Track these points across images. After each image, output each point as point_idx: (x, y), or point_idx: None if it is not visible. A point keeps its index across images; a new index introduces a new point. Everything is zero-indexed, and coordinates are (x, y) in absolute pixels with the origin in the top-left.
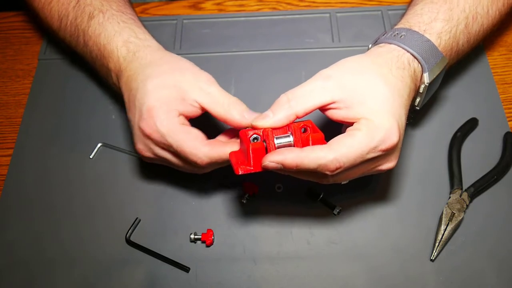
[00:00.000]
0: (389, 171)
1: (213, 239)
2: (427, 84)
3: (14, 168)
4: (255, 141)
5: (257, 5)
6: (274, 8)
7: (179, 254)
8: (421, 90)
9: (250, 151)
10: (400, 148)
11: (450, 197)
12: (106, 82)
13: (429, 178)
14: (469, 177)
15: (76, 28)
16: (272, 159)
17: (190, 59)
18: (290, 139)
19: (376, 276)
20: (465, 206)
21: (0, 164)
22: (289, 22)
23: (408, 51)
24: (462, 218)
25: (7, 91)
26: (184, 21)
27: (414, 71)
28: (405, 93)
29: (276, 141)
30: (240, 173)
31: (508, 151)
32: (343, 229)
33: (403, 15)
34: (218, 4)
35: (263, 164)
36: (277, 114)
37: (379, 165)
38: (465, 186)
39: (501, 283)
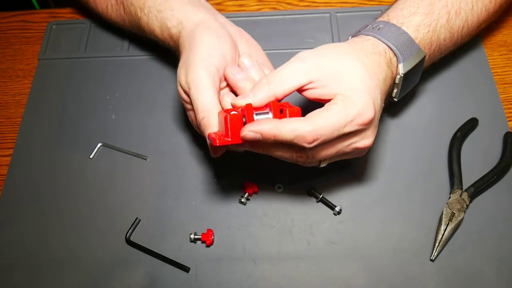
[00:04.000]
0: (388, 170)
1: (213, 239)
2: (402, 75)
3: (14, 168)
4: None
5: (257, 5)
6: (274, 8)
7: (179, 254)
8: (397, 81)
9: (228, 122)
10: (377, 128)
11: (450, 197)
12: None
13: (429, 178)
14: (469, 177)
15: None
16: (251, 129)
17: None
18: (269, 115)
19: (376, 276)
20: (465, 206)
21: (0, 164)
22: (289, 22)
23: (383, 42)
24: (462, 218)
25: (7, 91)
26: None
27: (390, 60)
28: (381, 77)
29: (255, 117)
30: (217, 144)
31: (508, 151)
32: (343, 229)
33: (386, 9)
34: (218, 4)
35: (242, 134)
36: (257, 95)
37: (356, 142)
38: (465, 186)
39: (501, 283)
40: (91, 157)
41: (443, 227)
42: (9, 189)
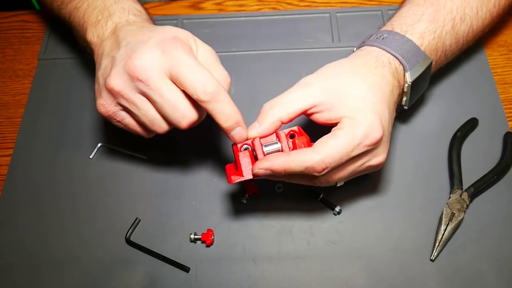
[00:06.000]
0: (388, 170)
1: (213, 239)
2: (410, 83)
3: (14, 168)
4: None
5: (257, 5)
6: (274, 8)
7: (179, 254)
8: (405, 89)
9: (240, 160)
10: (388, 142)
11: (450, 197)
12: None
13: (429, 178)
14: (469, 177)
15: None
16: (261, 166)
17: None
18: (278, 145)
19: (376, 276)
20: (465, 206)
21: (0, 164)
22: (289, 22)
23: (388, 52)
24: (462, 218)
25: (7, 91)
26: (184, 21)
27: (396, 69)
28: (387, 89)
29: (265, 149)
30: (232, 182)
31: (508, 151)
32: (343, 229)
33: (389, 18)
34: (218, 4)
35: (253, 172)
36: (263, 123)
37: (368, 161)
38: (465, 186)
39: (501, 283)
40: (91, 157)
41: (443, 227)
42: (9, 189)
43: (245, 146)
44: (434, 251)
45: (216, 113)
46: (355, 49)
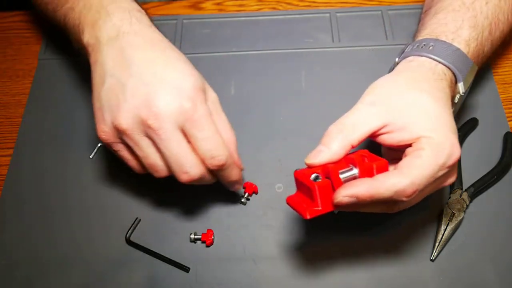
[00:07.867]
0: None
1: (213, 239)
2: (463, 94)
3: (14, 168)
4: (317, 180)
5: (257, 5)
6: (274, 8)
7: (179, 254)
8: (456, 101)
9: (317, 191)
10: None
11: (450, 197)
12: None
13: None
14: (469, 177)
15: None
16: (345, 194)
17: (190, 59)
18: (355, 171)
19: (376, 276)
20: (465, 206)
21: (0, 164)
22: (289, 22)
23: (440, 62)
24: (462, 218)
25: (7, 91)
26: (184, 21)
27: (451, 81)
28: (449, 103)
29: (341, 176)
30: (308, 218)
31: (508, 151)
32: (343, 229)
33: (422, 24)
34: (218, 4)
35: (335, 201)
36: (332, 147)
37: (443, 182)
38: (465, 186)
39: (501, 283)
40: (91, 157)
41: (443, 227)
42: (9, 189)
43: (315, 174)
44: (434, 251)
45: (222, 178)
46: (397, 59)
